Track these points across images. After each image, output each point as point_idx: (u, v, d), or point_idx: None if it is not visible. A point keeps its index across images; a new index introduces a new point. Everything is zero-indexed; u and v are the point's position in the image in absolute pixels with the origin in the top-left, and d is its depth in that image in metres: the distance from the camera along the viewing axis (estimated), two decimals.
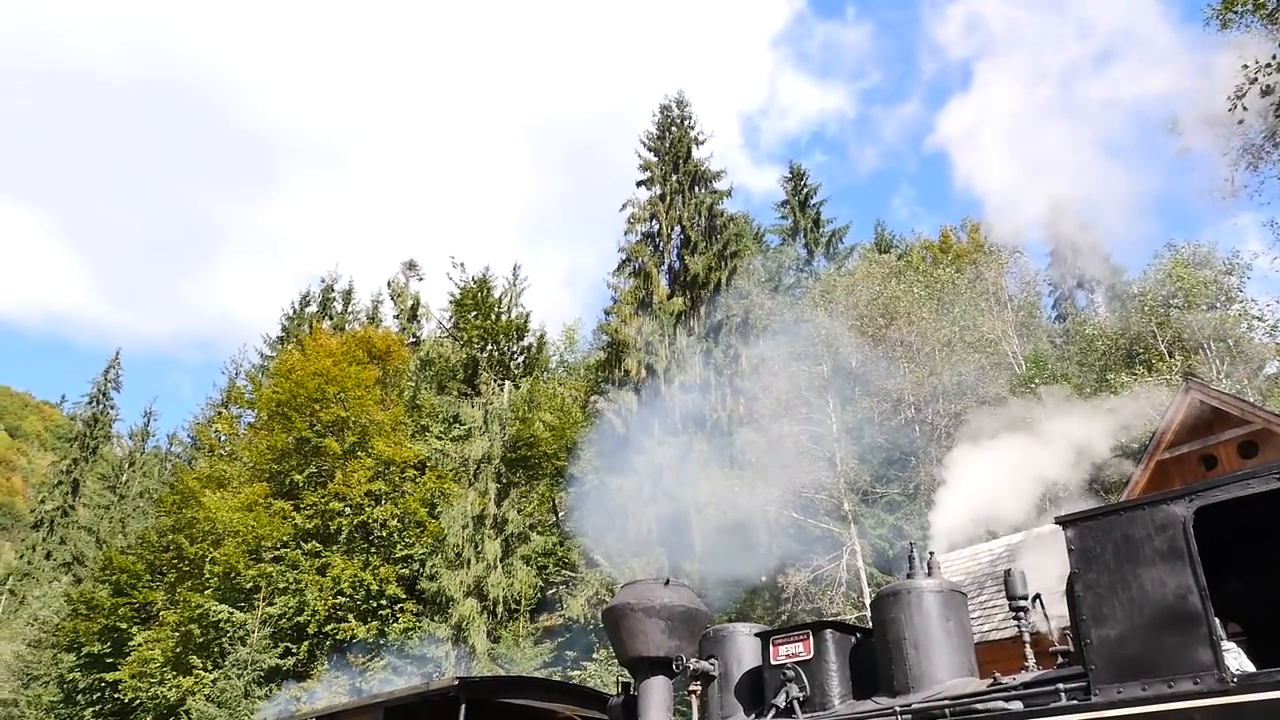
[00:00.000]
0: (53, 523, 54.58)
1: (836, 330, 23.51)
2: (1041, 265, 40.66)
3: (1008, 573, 5.61)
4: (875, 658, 5.66)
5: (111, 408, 61.09)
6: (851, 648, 5.97)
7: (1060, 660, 5.01)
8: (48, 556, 52.35)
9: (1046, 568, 6.21)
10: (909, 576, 5.79)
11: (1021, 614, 5.46)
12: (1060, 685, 4.43)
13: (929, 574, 5.82)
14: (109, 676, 28.35)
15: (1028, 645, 5.34)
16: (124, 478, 50.70)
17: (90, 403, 60.72)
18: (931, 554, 6.02)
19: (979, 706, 4.75)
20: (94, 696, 29.51)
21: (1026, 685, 4.76)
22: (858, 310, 24.43)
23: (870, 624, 5.90)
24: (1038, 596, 5.51)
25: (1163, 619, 4.00)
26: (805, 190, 39.95)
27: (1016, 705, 4.61)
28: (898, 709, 5.13)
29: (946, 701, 4.94)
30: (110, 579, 31.06)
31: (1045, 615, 5.45)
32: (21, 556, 55.79)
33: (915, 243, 43.21)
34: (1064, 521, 4.49)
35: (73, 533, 50.95)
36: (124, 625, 29.25)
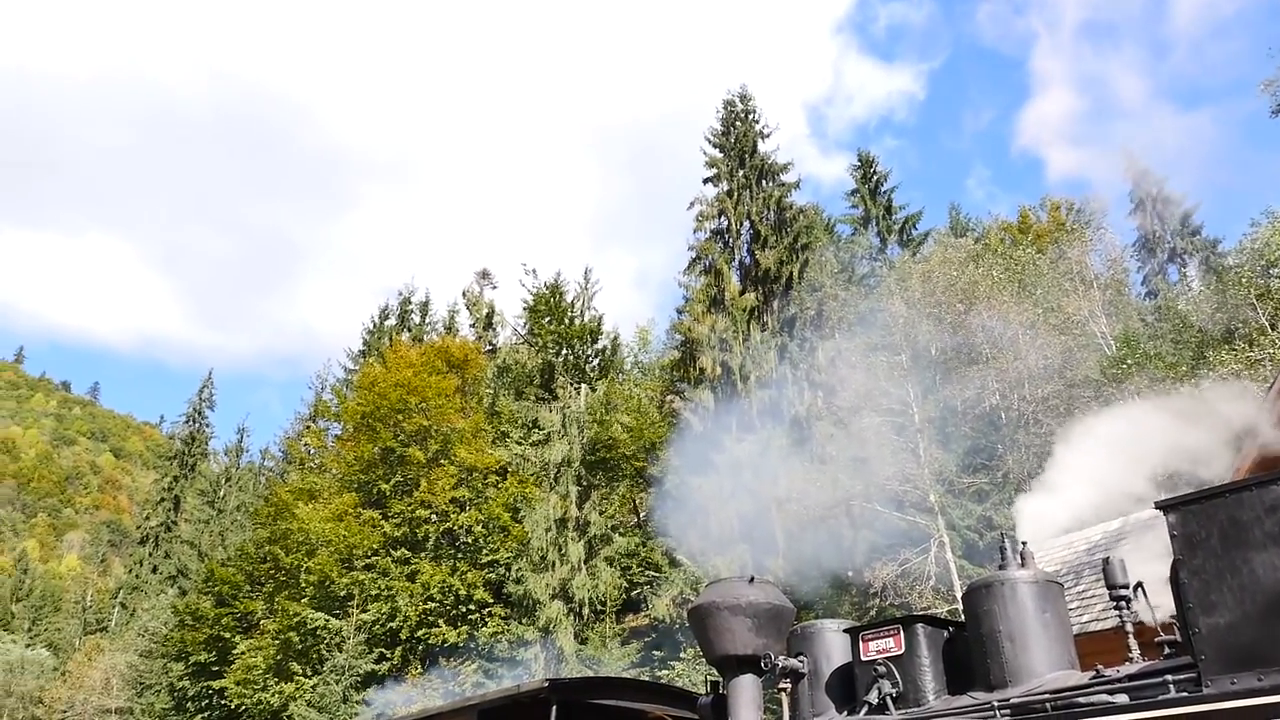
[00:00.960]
0: (157, 538, 57.10)
1: (914, 318, 23.02)
2: (1129, 241, 39.25)
3: (1106, 561, 5.40)
4: (969, 652, 5.51)
5: (207, 426, 63.73)
6: (944, 642, 5.82)
7: (1167, 651, 4.80)
8: (154, 570, 54.78)
9: (1146, 555, 5.96)
10: (1001, 567, 5.62)
11: (1123, 604, 5.24)
12: (1169, 677, 4.24)
13: (1022, 564, 5.65)
14: (215, 684, 29.55)
15: (1131, 636, 5.12)
16: (221, 492, 52.66)
17: (187, 422, 63.36)
18: (1024, 544, 5.84)
19: (1081, 700, 4.57)
20: (203, 703, 30.78)
21: (1132, 677, 4.57)
22: (935, 297, 23.87)
23: (962, 617, 5.76)
24: (1139, 585, 5.28)
25: (1278, 605, 3.80)
26: (875, 178, 39.18)
27: (1122, 698, 4.43)
28: (995, 704, 4.98)
29: (1047, 695, 4.78)
30: (213, 590, 32.34)
31: (1149, 604, 5.22)
32: (130, 571, 58.61)
33: (992, 224, 42.04)
34: (1165, 506, 4.30)
35: (176, 547, 53.18)
36: (227, 634, 30.42)
